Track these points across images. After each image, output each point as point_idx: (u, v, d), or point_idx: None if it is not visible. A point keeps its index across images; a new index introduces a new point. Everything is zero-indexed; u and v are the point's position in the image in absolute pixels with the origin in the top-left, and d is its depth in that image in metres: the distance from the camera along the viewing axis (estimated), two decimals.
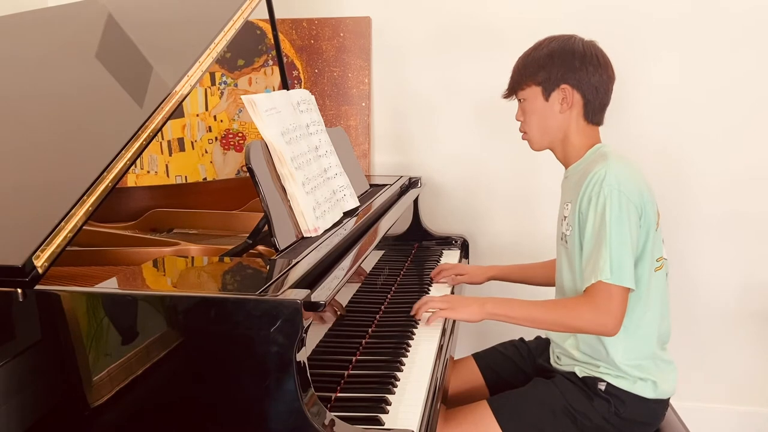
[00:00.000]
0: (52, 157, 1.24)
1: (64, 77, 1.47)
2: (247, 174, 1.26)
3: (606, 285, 1.27)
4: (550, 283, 1.57)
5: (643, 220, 1.33)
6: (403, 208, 1.84)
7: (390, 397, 1.14)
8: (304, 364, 0.95)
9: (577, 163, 1.44)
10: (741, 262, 2.18)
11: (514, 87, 1.47)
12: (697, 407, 2.19)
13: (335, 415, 0.98)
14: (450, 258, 2.03)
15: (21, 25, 1.76)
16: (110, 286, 1.06)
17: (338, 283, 1.11)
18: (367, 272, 1.50)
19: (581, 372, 1.41)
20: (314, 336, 1.12)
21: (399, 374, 1.23)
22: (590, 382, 1.39)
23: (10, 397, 1.00)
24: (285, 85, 1.89)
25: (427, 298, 1.48)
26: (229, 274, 1.17)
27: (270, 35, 2.25)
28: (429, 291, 1.72)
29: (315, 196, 1.38)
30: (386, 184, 1.95)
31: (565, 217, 1.43)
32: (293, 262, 1.13)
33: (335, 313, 1.25)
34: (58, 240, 0.99)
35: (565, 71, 1.38)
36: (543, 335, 1.65)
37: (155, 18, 1.65)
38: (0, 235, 1.07)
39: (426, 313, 1.45)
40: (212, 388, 0.97)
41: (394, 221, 1.66)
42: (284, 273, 1.07)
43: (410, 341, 1.38)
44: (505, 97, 1.50)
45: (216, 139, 2.44)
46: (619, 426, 1.36)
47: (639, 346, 1.37)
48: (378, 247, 1.54)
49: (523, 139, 1.49)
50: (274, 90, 2.38)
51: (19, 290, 0.96)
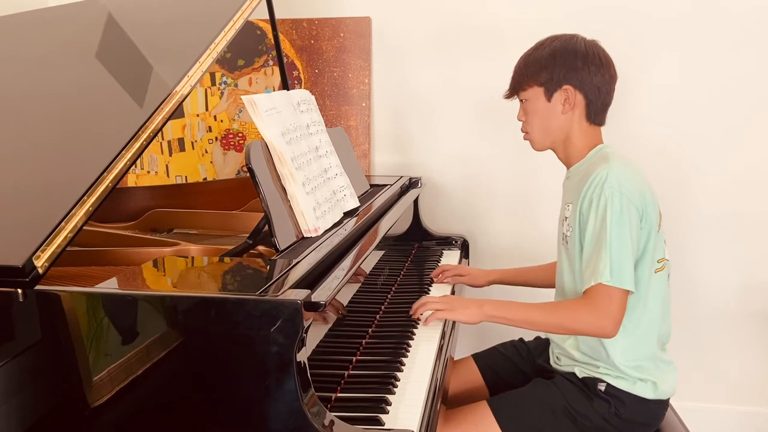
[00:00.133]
0: (52, 157, 1.24)
1: (65, 77, 1.47)
2: (248, 174, 1.26)
3: (606, 287, 1.27)
4: (551, 286, 1.57)
5: (644, 222, 1.32)
6: (404, 208, 1.84)
7: (390, 397, 1.14)
8: (305, 364, 0.95)
9: (579, 164, 1.44)
10: (741, 262, 2.18)
11: (516, 87, 1.46)
12: (697, 407, 2.19)
13: (335, 415, 0.98)
14: (450, 258, 2.03)
15: (21, 25, 1.76)
16: (110, 286, 1.06)
17: (338, 284, 1.11)
18: (368, 272, 1.50)
19: (581, 372, 1.41)
20: (314, 336, 1.12)
21: (399, 374, 1.23)
22: (590, 383, 1.39)
23: (10, 397, 1.00)
24: (285, 85, 1.89)
25: (426, 298, 1.47)
26: (229, 274, 1.17)
27: (270, 35, 2.25)
28: (429, 291, 1.72)
29: (315, 196, 1.38)
30: (386, 185, 1.95)
31: (566, 217, 1.43)
32: (293, 263, 1.13)
33: (335, 313, 1.25)
34: (59, 240, 0.99)
35: (568, 72, 1.37)
36: (543, 336, 1.65)
37: (155, 18, 1.65)
38: (0, 235, 1.07)
39: (427, 313, 1.45)
40: (212, 388, 0.97)
41: (395, 221, 1.66)
42: (284, 273, 1.07)
43: (410, 341, 1.38)
44: (507, 98, 1.50)
45: (216, 139, 2.44)
46: (619, 426, 1.36)
47: (638, 346, 1.37)
48: (378, 248, 1.54)
49: (525, 139, 1.49)
50: (274, 90, 2.38)
51: (20, 290, 0.96)
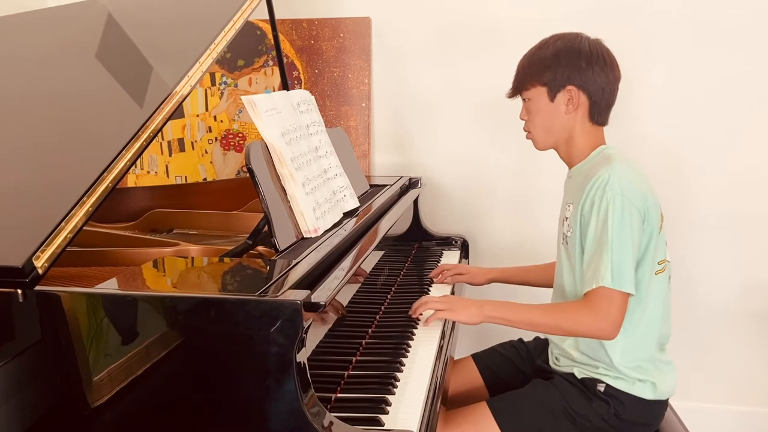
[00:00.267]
0: (52, 158, 1.24)
1: (65, 77, 1.47)
2: (247, 174, 1.26)
3: (606, 290, 1.26)
4: (550, 285, 1.56)
5: (646, 224, 1.32)
6: (403, 208, 1.84)
7: (390, 397, 1.14)
8: (304, 364, 0.95)
9: (581, 164, 1.43)
10: (741, 262, 2.18)
11: (519, 87, 1.45)
12: (697, 407, 2.18)
13: (335, 416, 0.98)
14: (450, 258, 2.03)
15: (21, 25, 1.76)
16: (110, 286, 1.06)
17: (338, 284, 1.11)
18: (367, 273, 1.50)
19: (580, 373, 1.41)
20: (314, 336, 1.12)
21: (399, 375, 1.23)
22: (589, 384, 1.39)
23: (10, 397, 1.00)
24: (285, 85, 1.89)
25: (426, 298, 1.47)
26: (229, 275, 1.17)
27: (270, 35, 2.25)
28: (429, 291, 1.72)
29: (315, 196, 1.38)
30: (386, 185, 1.95)
31: (567, 218, 1.43)
32: (293, 263, 1.13)
33: (335, 314, 1.25)
34: (59, 240, 0.99)
35: (572, 72, 1.36)
36: (542, 336, 1.65)
37: (155, 18, 1.65)
38: (0, 235, 1.07)
39: (427, 313, 1.44)
40: (212, 389, 0.97)
41: (394, 222, 1.66)
42: (284, 273, 1.07)
43: (410, 342, 1.38)
44: (510, 97, 1.48)
45: (216, 139, 2.44)
46: (618, 427, 1.36)
47: (638, 347, 1.37)
48: (378, 248, 1.54)
49: (527, 138, 1.48)
50: (274, 90, 2.38)
51: (19, 291, 0.96)
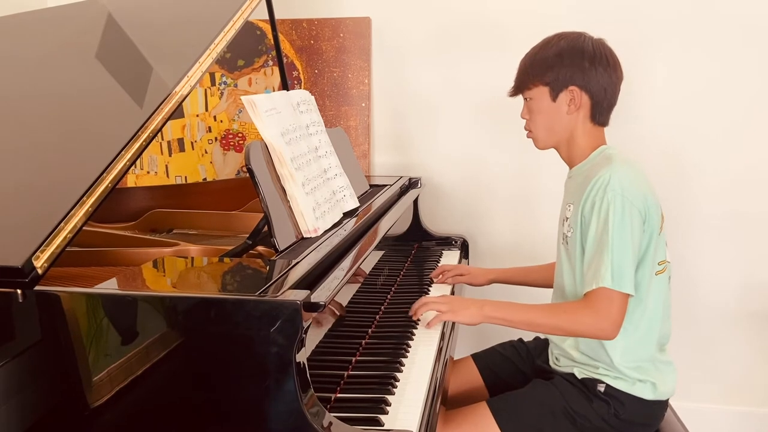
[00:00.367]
0: (52, 158, 1.24)
1: (65, 77, 1.47)
2: (247, 174, 1.26)
3: (606, 291, 1.26)
4: (551, 286, 1.56)
5: (646, 225, 1.32)
6: (403, 208, 1.84)
7: (390, 397, 1.14)
8: (304, 364, 0.95)
9: (581, 164, 1.43)
10: (741, 262, 2.18)
11: (521, 86, 1.44)
12: (697, 408, 2.18)
13: (335, 416, 0.98)
14: (450, 258, 2.03)
15: (21, 25, 1.76)
16: (110, 286, 1.06)
17: (338, 284, 1.11)
18: (367, 273, 1.50)
19: (580, 373, 1.41)
20: (314, 336, 1.12)
21: (399, 375, 1.23)
22: (589, 384, 1.38)
23: (10, 398, 1.00)
24: (285, 85, 1.89)
25: (425, 298, 1.46)
26: (228, 275, 1.17)
27: (270, 35, 2.25)
28: (429, 291, 1.72)
29: (315, 196, 1.38)
30: (386, 185, 1.95)
31: (567, 218, 1.43)
32: (293, 263, 1.13)
33: (335, 314, 1.25)
34: (58, 241, 0.99)
35: (574, 72, 1.36)
36: (542, 336, 1.65)
37: (155, 18, 1.65)
38: (0, 235, 1.07)
39: (427, 314, 1.43)
40: (212, 389, 0.97)
41: (394, 222, 1.66)
42: (284, 274, 1.07)
43: (410, 342, 1.38)
44: (511, 96, 1.48)
45: (216, 139, 2.44)
46: (618, 427, 1.36)
47: (638, 347, 1.37)
48: (378, 248, 1.54)
49: (528, 137, 1.48)
50: (274, 90, 2.38)
51: (19, 291, 0.96)
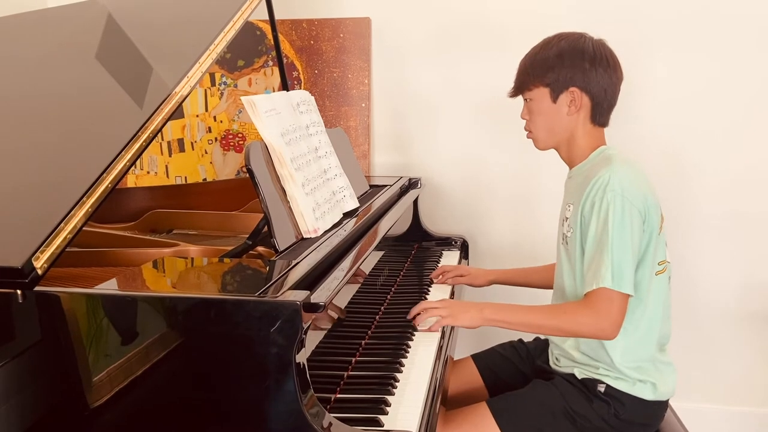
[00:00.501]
0: (52, 158, 1.24)
1: (65, 78, 1.47)
2: (247, 175, 1.26)
3: (606, 291, 1.26)
4: (550, 286, 1.56)
5: (646, 225, 1.32)
6: (403, 208, 1.84)
7: (389, 398, 1.14)
8: (304, 365, 0.95)
9: (581, 164, 1.43)
10: (741, 262, 2.18)
11: (521, 87, 1.44)
12: (697, 408, 2.18)
13: (334, 416, 0.98)
14: (450, 258, 2.03)
15: (21, 25, 1.76)
16: (110, 287, 1.06)
17: (338, 284, 1.11)
18: (367, 273, 1.50)
19: (580, 374, 1.41)
20: (314, 337, 1.12)
21: (398, 375, 1.23)
22: (589, 384, 1.39)
23: (10, 398, 1.00)
24: (285, 85, 1.89)
25: (424, 303, 1.45)
26: (228, 275, 1.17)
27: (270, 36, 2.25)
28: (429, 292, 1.72)
29: (315, 197, 1.38)
30: (386, 185, 1.95)
31: (567, 218, 1.43)
32: (293, 263, 1.13)
33: (335, 314, 1.25)
34: (58, 241, 0.99)
35: (575, 73, 1.36)
36: (542, 337, 1.65)
37: (155, 18, 1.65)
38: (0, 235, 1.07)
39: (428, 320, 1.43)
40: (211, 389, 0.97)
41: (394, 222, 1.66)
42: (284, 274, 1.07)
43: (410, 342, 1.38)
44: (511, 96, 1.48)
45: (216, 139, 2.44)
46: (618, 427, 1.36)
47: (638, 348, 1.37)
48: (378, 248, 1.54)
49: (528, 137, 1.48)
50: (273, 91, 2.38)
51: (19, 291, 0.96)
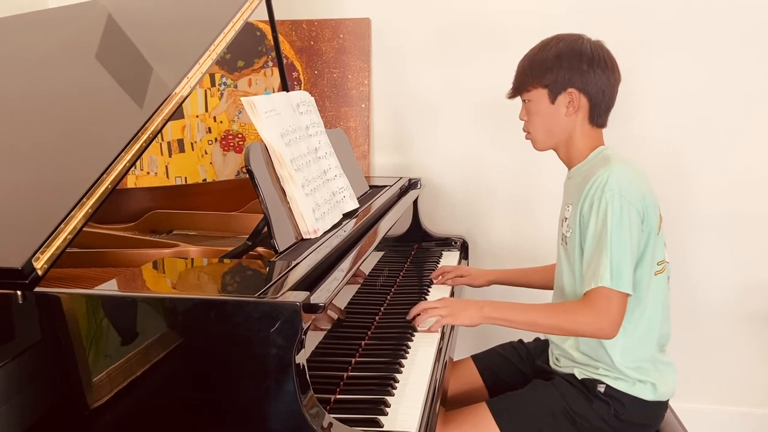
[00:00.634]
0: (51, 159, 1.24)
1: (65, 78, 1.47)
2: (247, 175, 1.26)
3: (606, 290, 1.27)
4: (550, 287, 1.56)
5: (644, 225, 1.32)
6: (403, 209, 1.84)
7: (389, 398, 1.14)
8: (304, 366, 0.96)
9: (580, 165, 1.43)
10: (741, 262, 2.18)
11: (519, 88, 1.44)
12: (697, 408, 2.18)
13: (334, 417, 0.98)
14: (450, 259, 2.03)
15: (22, 26, 1.76)
16: (110, 287, 1.06)
17: (338, 285, 1.11)
18: (367, 274, 1.50)
19: (580, 374, 1.41)
20: (314, 337, 1.12)
21: (398, 376, 1.23)
22: (589, 384, 1.39)
23: (10, 398, 1.00)
24: (285, 86, 1.89)
25: (424, 304, 1.45)
26: (228, 276, 1.17)
27: (270, 36, 2.25)
28: (428, 292, 1.72)
29: (314, 197, 1.38)
30: (386, 186, 1.95)
31: (566, 218, 1.43)
32: (293, 264, 1.13)
33: (334, 315, 1.25)
34: (58, 242, 0.99)
35: (573, 74, 1.36)
36: (542, 337, 1.65)
37: (155, 19, 1.65)
38: (0, 236, 1.07)
39: (428, 320, 1.43)
40: (211, 390, 0.97)
41: (394, 222, 1.66)
42: (284, 275, 1.07)
43: (409, 342, 1.38)
44: (510, 98, 1.48)
45: (216, 140, 2.44)
46: (618, 428, 1.36)
47: (638, 348, 1.37)
48: (377, 249, 1.54)
49: (527, 138, 1.48)
50: (273, 91, 2.38)
51: (19, 292, 0.96)
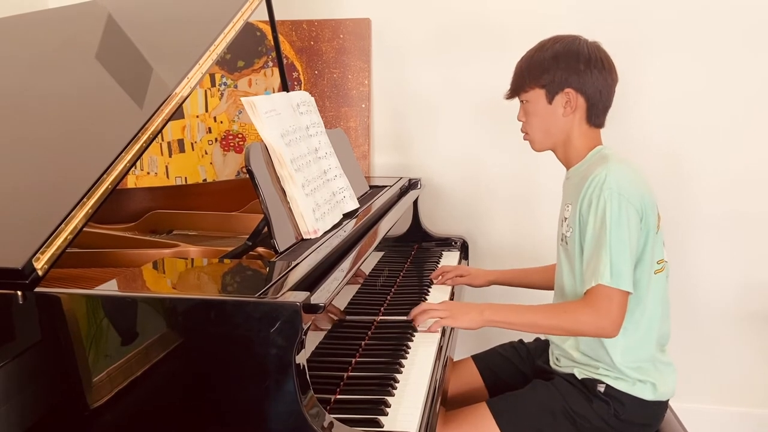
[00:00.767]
0: (52, 159, 1.24)
1: (65, 78, 1.47)
2: (247, 175, 1.26)
3: (606, 288, 1.27)
4: (550, 287, 1.57)
5: (643, 223, 1.32)
6: (403, 209, 1.84)
7: (389, 399, 1.14)
8: (304, 366, 0.96)
9: (578, 165, 1.44)
10: (741, 262, 2.18)
11: (517, 89, 1.45)
12: (697, 408, 2.18)
13: (334, 417, 0.98)
14: (450, 259, 2.03)
15: (22, 26, 1.76)
16: (110, 288, 1.06)
17: (338, 285, 1.11)
18: (367, 274, 1.50)
19: (580, 374, 1.41)
20: (314, 338, 1.12)
21: (398, 376, 1.23)
22: (589, 384, 1.39)
23: (10, 398, 1.00)
24: (285, 86, 1.89)
25: (424, 305, 1.45)
26: (228, 276, 1.17)
27: (270, 37, 2.25)
28: (429, 292, 1.72)
29: (315, 197, 1.38)
30: (386, 186, 1.96)
31: (566, 218, 1.43)
32: (293, 264, 1.13)
33: (335, 315, 1.25)
34: (58, 242, 0.99)
35: (570, 74, 1.37)
36: (542, 337, 1.65)
37: (155, 19, 1.65)
38: (0, 236, 1.07)
39: (428, 320, 1.43)
40: (211, 390, 0.97)
41: (394, 223, 1.66)
42: (284, 275, 1.08)
43: (410, 343, 1.38)
44: (508, 98, 1.49)
45: (216, 140, 2.44)
46: (618, 428, 1.36)
47: (638, 347, 1.37)
48: (378, 249, 1.54)
49: (525, 139, 1.49)
50: (273, 91, 2.38)
51: (19, 292, 0.96)
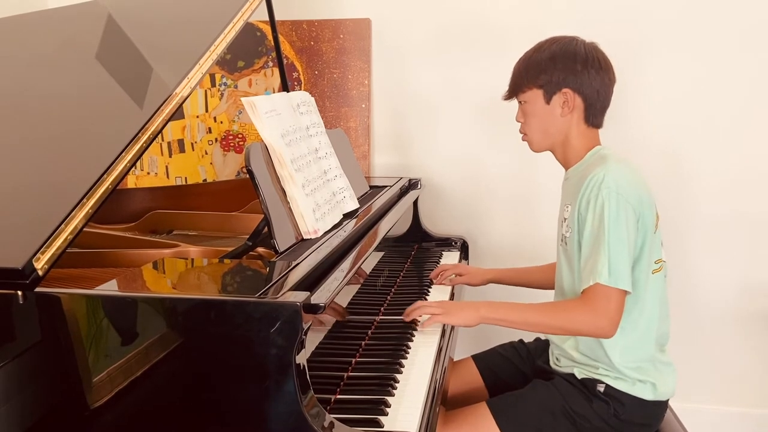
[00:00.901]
0: (52, 159, 1.24)
1: (65, 78, 1.47)
2: (247, 175, 1.26)
3: (603, 287, 1.27)
4: (549, 287, 1.57)
5: (640, 223, 1.33)
6: (403, 209, 1.84)
7: (389, 399, 1.14)
8: (304, 366, 0.96)
9: (577, 165, 1.44)
10: (741, 262, 2.18)
11: (515, 89, 1.47)
12: (697, 408, 2.19)
13: (334, 417, 0.98)
14: (450, 259, 2.03)
15: (22, 26, 1.76)
16: (110, 288, 1.07)
17: (338, 285, 1.11)
18: (367, 274, 1.51)
19: (580, 373, 1.41)
20: (314, 338, 1.13)
21: (398, 376, 1.23)
22: (589, 384, 1.39)
23: (10, 398, 1.00)
24: (285, 86, 1.89)
25: (419, 303, 1.45)
26: (228, 276, 1.17)
27: (270, 37, 2.25)
28: (429, 292, 1.72)
29: (315, 197, 1.39)
30: (386, 186, 1.96)
31: (565, 218, 1.43)
32: (293, 264, 1.13)
33: (335, 315, 1.25)
34: (59, 242, 0.99)
35: (567, 75, 1.38)
36: (542, 337, 1.65)
37: (155, 19, 1.65)
38: (0, 237, 1.07)
39: (424, 317, 1.43)
40: (211, 390, 0.97)
41: (394, 223, 1.66)
42: (284, 275, 1.08)
43: (410, 343, 1.38)
44: (506, 99, 1.50)
45: (216, 140, 2.44)
46: (618, 428, 1.36)
47: (637, 347, 1.37)
48: (378, 249, 1.54)
49: (523, 140, 1.49)
50: (274, 92, 2.38)
51: (20, 292, 0.96)
